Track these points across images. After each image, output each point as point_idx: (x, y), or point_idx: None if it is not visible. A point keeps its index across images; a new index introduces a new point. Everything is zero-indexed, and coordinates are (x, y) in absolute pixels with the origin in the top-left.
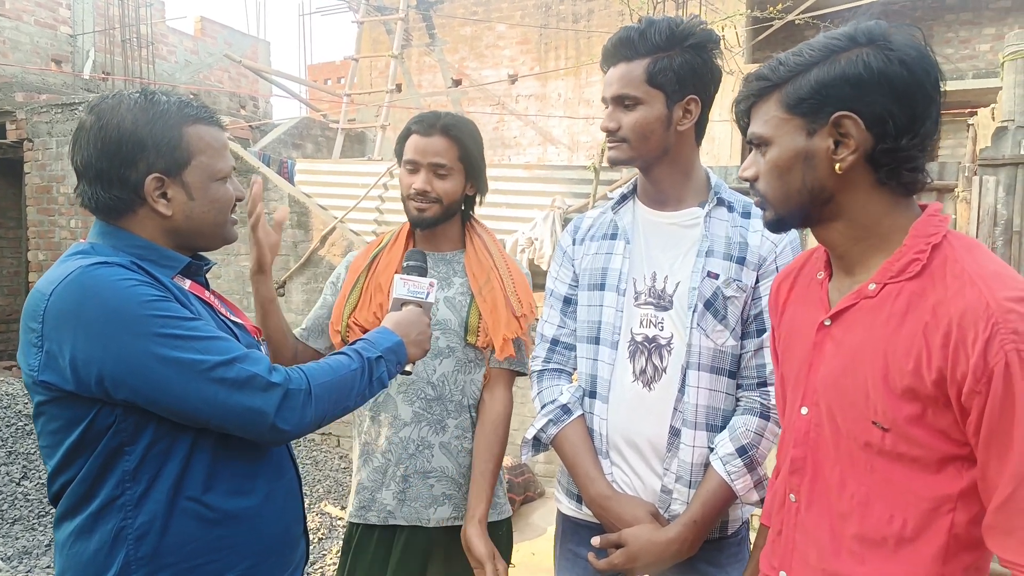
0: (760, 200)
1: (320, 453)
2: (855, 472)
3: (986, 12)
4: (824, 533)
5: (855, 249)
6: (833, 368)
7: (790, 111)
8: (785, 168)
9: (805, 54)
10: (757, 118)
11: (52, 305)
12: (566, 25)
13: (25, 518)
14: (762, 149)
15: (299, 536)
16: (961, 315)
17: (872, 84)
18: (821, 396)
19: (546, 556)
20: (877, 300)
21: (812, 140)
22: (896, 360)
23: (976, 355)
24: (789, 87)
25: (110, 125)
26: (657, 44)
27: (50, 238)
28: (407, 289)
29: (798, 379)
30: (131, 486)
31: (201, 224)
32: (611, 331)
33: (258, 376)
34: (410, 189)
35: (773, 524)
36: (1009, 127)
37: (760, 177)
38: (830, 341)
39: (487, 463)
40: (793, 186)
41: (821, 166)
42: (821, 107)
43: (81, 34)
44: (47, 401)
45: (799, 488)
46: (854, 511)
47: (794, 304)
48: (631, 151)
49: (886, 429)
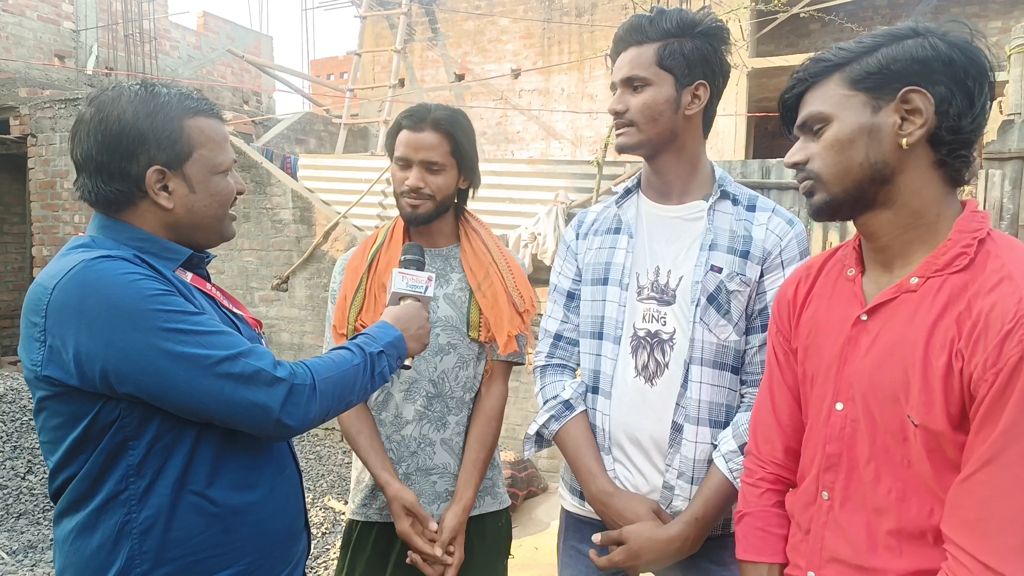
0: (810, 184)
1: (324, 448)
2: (891, 467)
3: (992, 5)
4: (859, 529)
5: (900, 240)
6: (868, 362)
7: (854, 87)
8: (848, 142)
9: (867, 39)
10: (814, 99)
11: (55, 299)
12: (569, 19)
13: (30, 512)
14: (818, 130)
15: (301, 530)
16: (992, 307)
17: (938, 64)
18: (856, 390)
19: (549, 551)
20: (919, 294)
21: (877, 116)
22: (934, 351)
23: (994, 346)
24: (854, 65)
25: (110, 118)
26: (668, 30)
27: (54, 233)
28: (405, 283)
29: (828, 375)
30: (135, 480)
31: (202, 217)
32: (614, 326)
33: (263, 371)
34: (403, 186)
35: (799, 523)
36: (1015, 120)
37: (814, 157)
38: (865, 335)
39: (479, 452)
40: (856, 160)
41: (887, 141)
42: (888, 83)
43: (84, 29)
44: (50, 396)
45: (833, 485)
46: (891, 506)
47: (817, 301)
48: (639, 135)
49: (916, 424)
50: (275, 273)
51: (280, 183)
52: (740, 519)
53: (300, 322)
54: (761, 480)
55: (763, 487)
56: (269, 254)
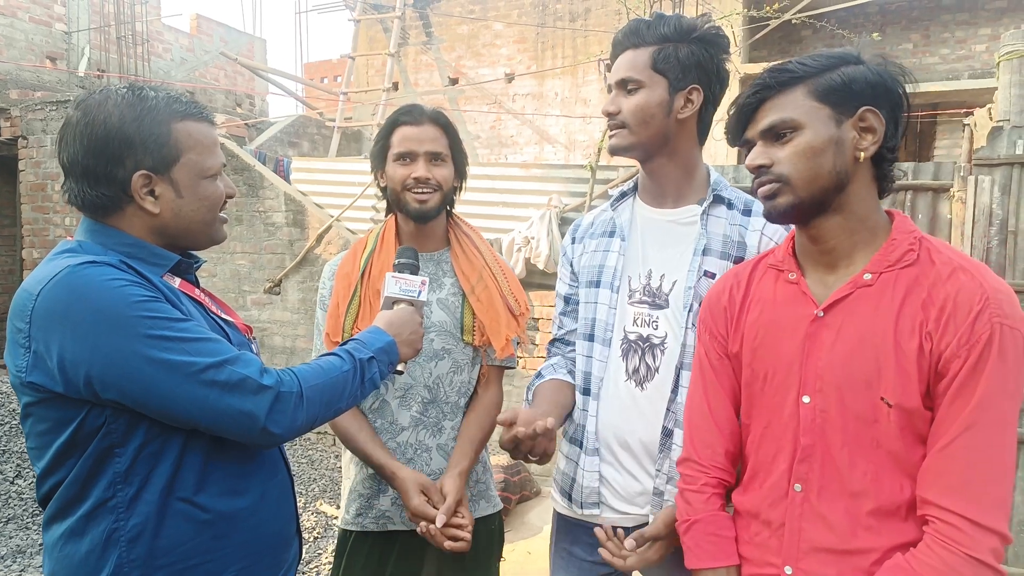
0: (776, 187)
1: (316, 452)
2: (863, 450)
3: (982, 12)
4: (839, 515)
5: (847, 242)
6: (839, 353)
7: (821, 100)
8: (819, 151)
9: (821, 58)
10: (780, 107)
11: (40, 305)
12: (563, 24)
13: (19, 517)
14: (785, 136)
15: (292, 536)
16: (957, 292)
17: (882, 90)
18: (827, 381)
19: (542, 555)
20: (876, 287)
21: (840, 129)
22: (903, 336)
23: (965, 326)
24: (818, 80)
25: (96, 121)
26: (664, 34)
27: (45, 236)
28: (399, 287)
29: (790, 371)
30: (122, 488)
31: (190, 222)
32: (604, 328)
33: (249, 379)
34: (408, 179)
35: (768, 520)
36: (1005, 127)
37: (781, 162)
38: (826, 330)
39: (475, 432)
40: (824, 168)
41: (848, 153)
42: (848, 100)
43: (76, 31)
44: (35, 402)
45: (807, 476)
46: (868, 488)
47: (759, 305)
48: (630, 136)
49: (891, 405)
50: (268, 276)
51: (273, 186)
52: (689, 527)
53: (292, 326)
54: (705, 486)
55: (708, 492)
56: (262, 257)
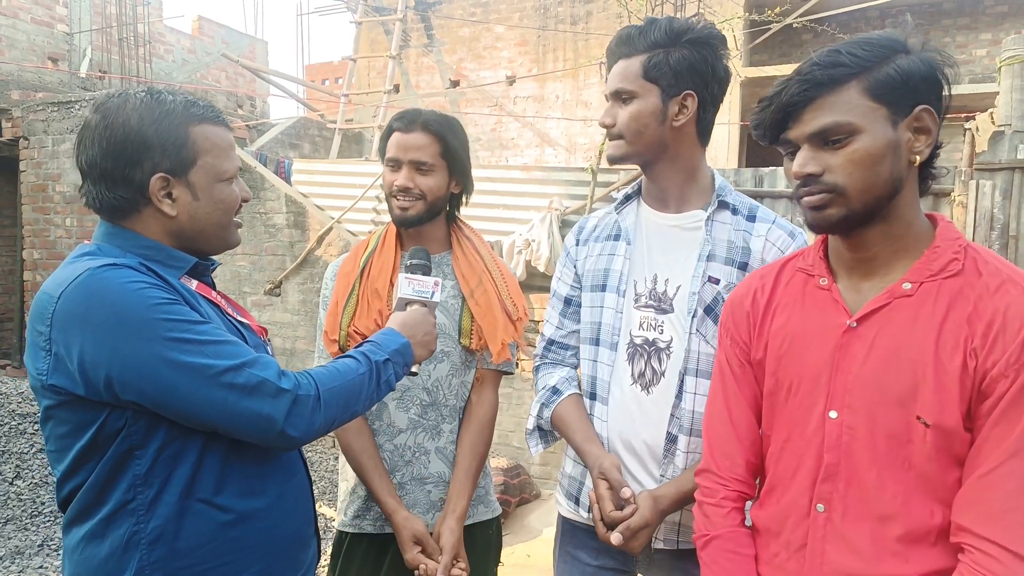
0: (828, 197)
1: (315, 454)
2: (893, 472)
3: (983, 17)
4: (864, 538)
5: (888, 249)
6: (872, 367)
7: (878, 99)
8: (880, 157)
9: (875, 45)
10: (831, 107)
11: (60, 308)
12: (564, 27)
13: (18, 518)
14: (839, 141)
15: (310, 536)
16: (1007, 308)
17: (934, 83)
18: (856, 397)
19: (542, 558)
20: (916, 298)
21: (896, 131)
22: (945, 352)
23: (1016, 344)
24: (874, 75)
25: (115, 124)
26: (655, 40)
27: (45, 236)
28: (412, 288)
29: (817, 383)
30: (143, 490)
31: (205, 225)
32: (610, 332)
33: (268, 382)
34: (392, 187)
35: (789, 540)
36: (1006, 131)
37: (834, 169)
38: (858, 342)
39: (471, 461)
40: (882, 176)
41: (904, 158)
42: (904, 98)
43: (78, 32)
44: (56, 405)
45: (831, 496)
46: (897, 511)
47: (787, 311)
48: (627, 147)
49: (928, 425)
50: (268, 278)
51: (274, 188)
52: (707, 543)
53: (293, 327)
54: (725, 499)
55: (727, 506)
56: (262, 259)
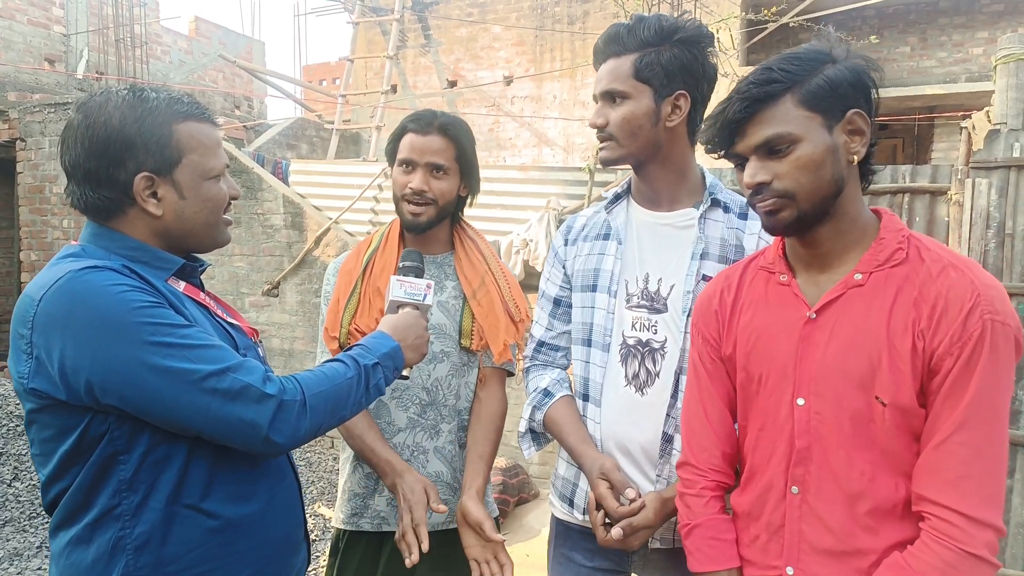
0: (779, 202)
1: (314, 455)
2: (859, 451)
3: (979, 16)
4: (837, 516)
5: (839, 244)
6: (832, 354)
7: (811, 108)
8: (820, 162)
9: (801, 60)
10: (771, 120)
11: (41, 311)
12: (561, 27)
13: (16, 520)
14: (782, 150)
15: (300, 541)
16: (948, 290)
17: (861, 87)
18: (822, 382)
19: (541, 557)
20: (868, 287)
21: (832, 135)
22: (896, 335)
23: (958, 323)
24: (804, 87)
25: (97, 123)
26: (645, 39)
27: (43, 238)
28: (404, 291)
29: (784, 373)
30: (128, 495)
31: (193, 224)
32: (602, 333)
33: (251, 387)
34: (405, 189)
35: (769, 522)
36: (1002, 130)
37: (781, 177)
38: (819, 332)
39: (484, 447)
40: (825, 179)
41: (842, 159)
42: (835, 105)
43: (75, 33)
44: (39, 409)
45: (804, 478)
46: (865, 488)
47: (752, 308)
48: (620, 148)
49: (885, 404)
50: (266, 279)
51: (271, 188)
52: (690, 531)
53: (291, 328)
54: (704, 489)
55: (707, 496)
56: (260, 259)
